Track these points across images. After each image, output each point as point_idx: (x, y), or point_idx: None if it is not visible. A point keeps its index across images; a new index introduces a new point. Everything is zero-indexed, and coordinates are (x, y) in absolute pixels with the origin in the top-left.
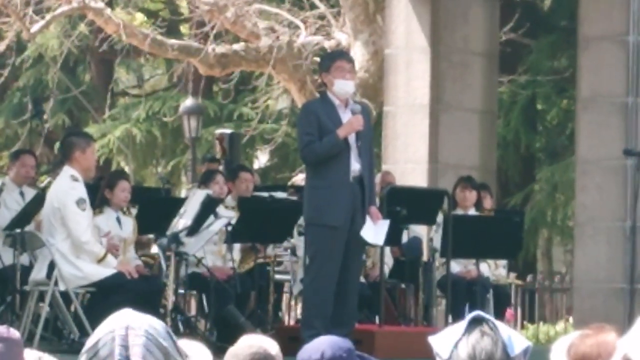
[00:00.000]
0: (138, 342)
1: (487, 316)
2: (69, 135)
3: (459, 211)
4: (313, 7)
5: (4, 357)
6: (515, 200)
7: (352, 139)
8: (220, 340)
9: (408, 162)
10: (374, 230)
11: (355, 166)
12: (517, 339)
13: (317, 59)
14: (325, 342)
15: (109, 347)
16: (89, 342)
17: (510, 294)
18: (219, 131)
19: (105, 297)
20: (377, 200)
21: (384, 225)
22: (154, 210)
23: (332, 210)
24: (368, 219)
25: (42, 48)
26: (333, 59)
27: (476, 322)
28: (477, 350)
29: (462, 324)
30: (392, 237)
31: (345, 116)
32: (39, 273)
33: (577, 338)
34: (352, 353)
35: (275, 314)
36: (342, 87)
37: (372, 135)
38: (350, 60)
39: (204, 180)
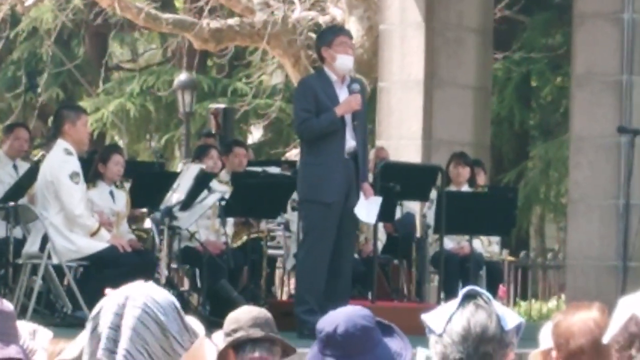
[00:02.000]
0: (133, 313)
1: (481, 290)
2: (61, 109)
3: (453, 187)
4: None
5: None
6: (508, 177)
7: (348, 116)
8: (213, 315)
9: (402, 138)
10: (367, 208)
11: (350, 143)
12: (510, 315)
13: (312, 35)
14: (342, 316)
15: (108, 315)
16: (94, 311)
17: (503, 270)
18: (213, 106)
19: (99, 270)
20: (371, 176)
21: (376, 202)
22: (148, 184)
23: (327, 187)
24: (361, 197)
25: (36, 21)
26: (335, 33)
27: (470, 297)
28: (472, 323)
29: (456, 300)
30: (386, 213)
31: (342, 92)
32: (32, 246)
33: (560, 316)
34: (367, 330)
35: (268, 289)
36: (345, 62)
37: (367, 111)
38: (351, 36)
39: (198, 154)
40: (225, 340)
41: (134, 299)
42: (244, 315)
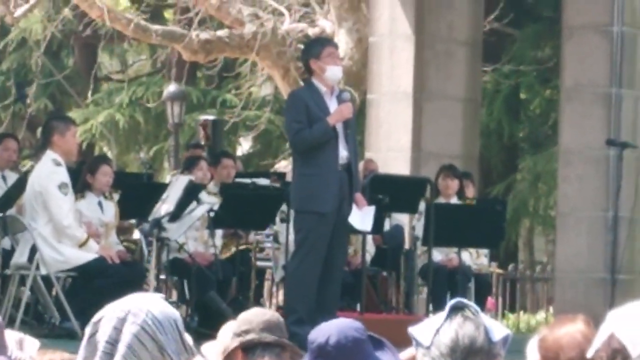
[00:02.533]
0: (131, 330)
1: (468, 302)
2: (50, 120)
3: (441, 200)
4: None
5: None
6: (497, 189)
7: (340, 126)
8: (202, 326)
9: (391, 150)
10: (361, 217)
11: (343, 153)
12: (497, 327)
13: (302, 46)
14: (334, 327)
15: (107, 327)
16: (96, 317)
17: (492, 283)
18: (202, 117)
19: (87, 281)
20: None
21: (370, 211)
22: (136, 195)
23: (322, 197)
24: (354, 206)
25: (25, 32)
26: (323, 45)
27: (458, 309)
28: (460, 334)
29: (443, 312)
30: (374, 225)
31: (332, 103)
32: (20, 257)
33: (546, 330)
34: (359, 343)
35: (257, 300)
36: (334, 72)
37: (356, 123)
38: (337, 47)
39: (187, 166)
40: (235, 340)
41: (135, 315)
42: (257, 318)
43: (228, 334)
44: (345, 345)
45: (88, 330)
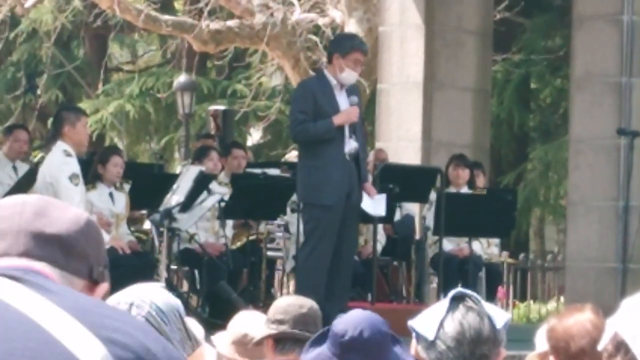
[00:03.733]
0: None
1: (468, 291)
2: (60, 110)
3: (452, 189)
4: None
5: None
6: (508, 178)
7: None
8: (212, 317)
9: (401, 140)
10: (373, 203)
11: (352, 144)
12: (498, 313)
13: (312, 37)
14: (363, 320)
15: None
16: None
17: (502, 272)
18: (212, 108)
19: None
20: (370, 178)
21: (381, 198)
22: (147, 186)
23: (327, 190)
24: (365, 196)
25: (35, 23)
26: (353, 47)
27: (459, 299)
28: (465, 326)
29: (444, 303)
30: (385, 215)
31: (341, 97)
32: None
33: (555, 320)
34: (387, 337)
35: (267, 290)
36: (350, 77)
37: (364, 114)
38: (366, 54)
39: (198, 156)
40: (267, 327)
41: (139, 307)
42: (293, 309)
43: (242, 324)
44: (378, 339)
45: None
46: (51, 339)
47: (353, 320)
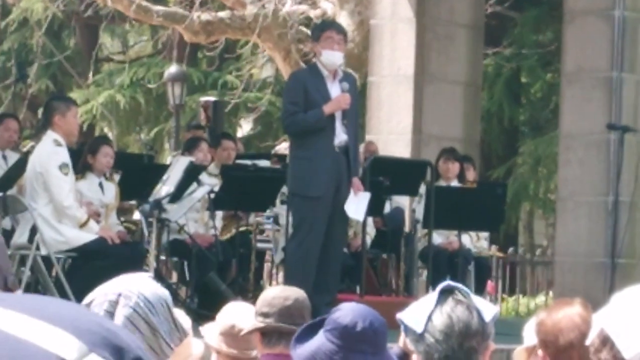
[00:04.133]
0: (123, 313)
1: (457, 285)
2: (50, 100)
3: (442, 183)
4: None
5: None
6: (498, 172)
7: (338, 112)
8: (201, 308)
9: (391, 133)
10: (355, 205)
11: (341, 136)
12: (486, 306)
13: (303, 28)
14: (367, 312)
15: (99, 310)
16: (86, 300)
17: (491, 266)
18: (203, 99)
19: (87, 262)
20: (360, 170)
21: (364, 198)
22: (137, 176)
23: (315, 181)
24: (351, 193)
25: (26, 12)
26: (323, 29)
27: (447, 292)
28: (454, 319)
29: (432, 296)
30: (375, 208)
31: (334, 87)
32: (20, 237)
33: (544, 314)
34: (386, 329)
35: (257, 282)
36: (329, 57)
37: (358, 105)
38: (341, 31)
39: (188, 147)
40: (256, 319)
41: (127, 297)
42: (278, 302)
43: (231, 315)
44: (382, 330)
45: None
46: (20, 342)
47: (358, 311)
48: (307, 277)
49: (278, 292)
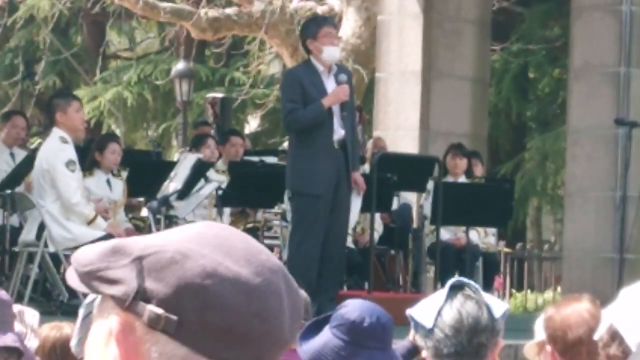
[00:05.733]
0: None
1: (467, 281)
2: (51, 98)
3: (450, 178)
4: None
5: None
6: (505, 168)
7: (336, 106)
8: None
9: (399, 129)
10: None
11: (339, 132)
12: (497, 303)
13: None
14: (373, 308)
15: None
16: (89, 298)
17: (499, 262)
18: (210, 95)
19: None
20: (368, 166)
21: (355, 203)
22: (145, 173)
23: (315, 179)
24: (354, 194)
25: (33, 9)
26: (319, 24)
27: (457, 287)
28: (463, 314)
29: (442, 292)
30: (383, 204)
31: (329, 82)
32: (28, 234)
33: (552, 310)
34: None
35: None
36: (331, 53)
37: (354, 98)
38: (335, 26)
39: (195, 144)
40: None
41: None
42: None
43: None
44: (390, 325)
45: (82, 311)
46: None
47: (365, 307)
48: (309, 275)
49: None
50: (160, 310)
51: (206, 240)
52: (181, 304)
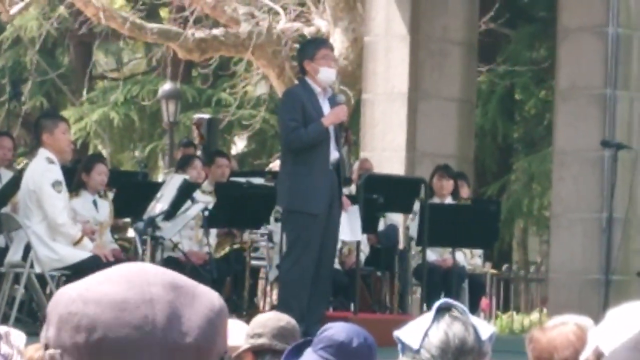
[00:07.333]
0: None
1: (454, 302)
2: (38, 119)
3: (436, 200)
4: None
5: None
6: (491, 189)
7: (331, 127)
8: None
9: (386, 150)
10: (349, 226)
11: (334, 154)
12: (484, 325)
13: (297, 46)
14: (359, 330)
15: None
16: None
17: (486, 283)
18: (197, 116)
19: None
20: (354, 187)
21: (354, 214)
22: (131, 194)
23: (314, 198)
24: (344, 216)
25: (20, 30)
26: (318, 46)
27: (444, 309)
28: (450, 335)
29: (429, 314)
30: (369, 225)
31: (324, 104)
32: (14, 255)
33: (538, 332)
34: (374, 349)
35: (251, 299)
36: (328, 75)
37: (347, 122)
38: (332, 48)
39: (182, 164)
40: (247, 342)
41: None
42: (271, 323)
43: (236, 334)
44: (375, 346)
45: None
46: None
47: (351, 329)
48: (301, 296)
49: (271, 315)
50: (51, 351)
51: (99, 275)
52: (61, 337)
